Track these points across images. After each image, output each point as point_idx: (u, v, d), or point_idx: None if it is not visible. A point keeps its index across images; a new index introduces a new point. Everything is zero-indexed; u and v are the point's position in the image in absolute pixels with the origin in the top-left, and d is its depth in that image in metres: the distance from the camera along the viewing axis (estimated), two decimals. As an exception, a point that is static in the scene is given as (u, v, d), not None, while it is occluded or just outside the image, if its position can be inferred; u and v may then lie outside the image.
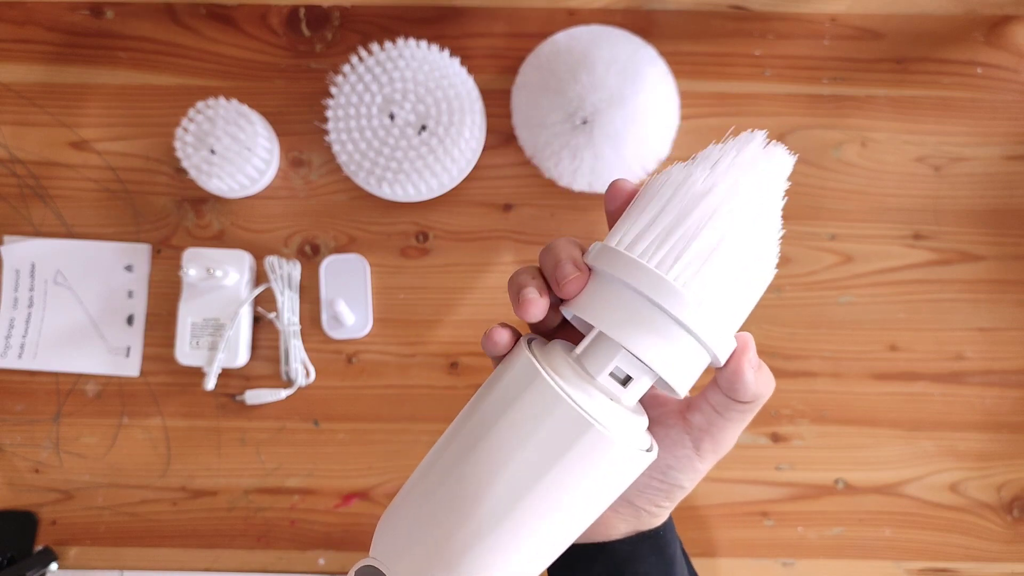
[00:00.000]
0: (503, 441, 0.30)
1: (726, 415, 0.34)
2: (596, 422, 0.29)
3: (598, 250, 0.31)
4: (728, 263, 0.29)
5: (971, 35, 0.67)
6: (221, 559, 0.66)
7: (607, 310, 0.30)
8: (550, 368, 0.31)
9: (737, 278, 0.30)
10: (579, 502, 0.31)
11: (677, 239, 0.29)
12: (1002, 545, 0.65)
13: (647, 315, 0.30)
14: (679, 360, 0.30)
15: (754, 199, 0.30)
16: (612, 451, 0.30)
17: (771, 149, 0.32)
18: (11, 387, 0.67)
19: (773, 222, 0.31)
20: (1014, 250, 0.66)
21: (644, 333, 0.30)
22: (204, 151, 0.62)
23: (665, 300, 0.29)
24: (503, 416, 0.30)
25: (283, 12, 0.68)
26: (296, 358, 0.65)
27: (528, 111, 0.64)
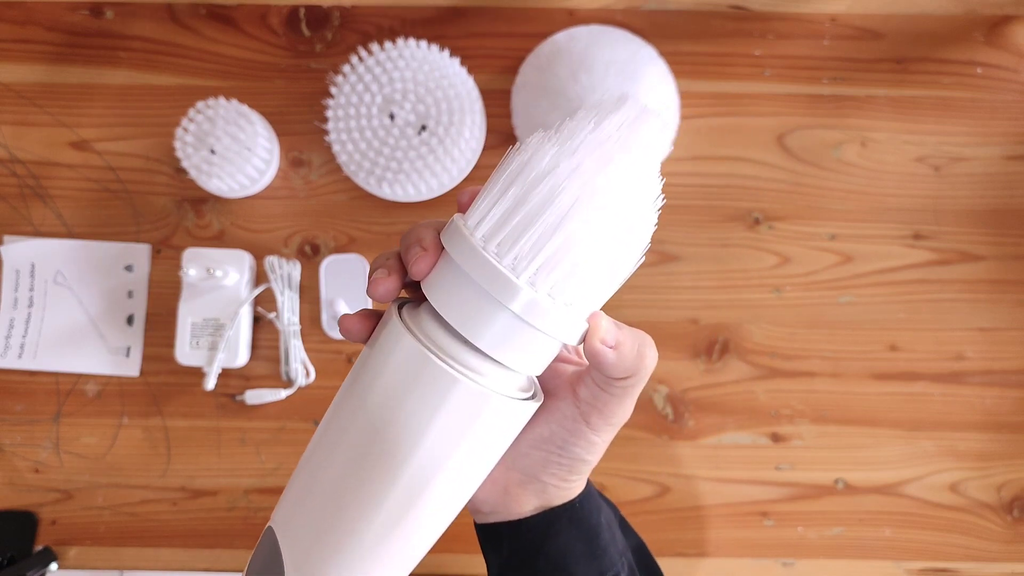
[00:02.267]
0: (382, 403, 0.30)
1: (608, 390, 0.33)
2: (464, 375, 0.29)
3: (449, 228, 0.31)
4: (571, 246, 0.28)
5: (971, 35, 0.67)
6: (221, 559, 0.66)
7: (452, 298, 0.29)
8: (418, 330, 0.30)
9: (584, 262, 0.28)
10: (465, 457, 0.30)
11: (518, 220, 0.28)
12: (1002, 545, 0.65)
13: (485, 307, 0.29)
14: (524, 350, 0.30)
15: (606, 178, 0.28)
16: (488, 402, 0.29)
17: (639, 119, 0.30)
18: (11, 387, 0.67)
19: (634, 199, 0.29)
20: (1014, 250, 0.66)
21: (484, 326, 0.29)
22: (204, 151, 0.62)
23: (498, 291, 0.28)
24: (379, 377, 0.30)
25: (283, 12, 0.68)
26: (296, 358, 0.65)
27: (528, 111, 0.64)
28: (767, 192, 0.66)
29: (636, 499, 0.65)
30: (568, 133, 0.30)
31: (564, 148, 0.29)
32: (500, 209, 0.29)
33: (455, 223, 0.30)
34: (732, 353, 0.66)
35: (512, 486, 0.36)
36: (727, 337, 0.66)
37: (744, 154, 0.66)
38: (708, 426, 0.65)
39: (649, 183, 0.30)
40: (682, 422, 0.65)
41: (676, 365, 0.66)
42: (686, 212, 0.66)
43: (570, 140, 0.29)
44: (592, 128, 0.29)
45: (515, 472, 0.35)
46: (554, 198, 0.28)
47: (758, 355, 0.66)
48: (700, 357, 0.66)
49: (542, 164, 0.29)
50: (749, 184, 0.66)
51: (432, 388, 0.29)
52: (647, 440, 0.65)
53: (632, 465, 0.66)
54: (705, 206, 0.66)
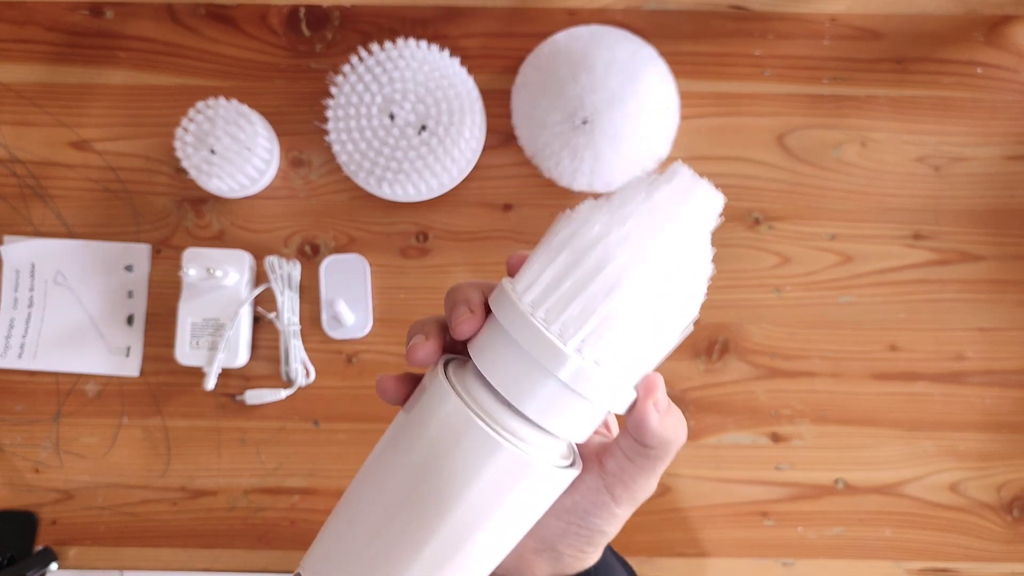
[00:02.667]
0: (424, 461, 0.30)
1: (636, 462, 0.33)
2: (507, 440, 0.29)
3: (498, 293, 0.31)
4: (620, 315, 0.28)
5: (971, 35, 0.67)
6: (221, 559, 0.66)
7: (499, 364, 0.30)
8: (464, 391, 0.30)
9: (632, 331, 0.29)
10: (502, 520, 0.31)
11: (568, 288, 0.28)
12: (1002, 545, 0.65)
13: (533, 373, 0.29)
14: (570, 417, 0.30)
15: (655, 248, 0.28)
16: (529, 470, 0.29)
17: (691, 189, 0.30)
18: (11, 387, 0.67)
19: (684, 269, 0.30)
20: (1014, 250, 0.66)
21: (531, 393, 0.29)
22: (204, 151, 0.62)
23: (546, 359, 0.28)
24: (422, 436, 0.30)
25: (283, 12, 0.68)
26: (296, 358, 0.65)
27: (528, 111, 0.64)
28: (767, 192, 0.66)
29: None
30: (619, 202, 0.30)
31: (614, 217, 0.29)
32: (549, 276, 0.29)
33: (504, 288, 0.30)
34: (732, 353, 0.66)
35: (527, 552, 0.35)
36: (727, 337, 0.66)
37: (744, 154, 0.66)
38: (708, 426, 0.65)
39: (700, 253, 0.30)
40: (682, 422, 0.65)
41: (676, 365, 0.66)
42: (686, 212, 0.66)
43: (620, 209, 0.29)
44: (643, 197, 0.30)
45: (531, 539, 0.35)
46: (604, 267, 0.28)
47: (758, 355, 0.66)
48: (700, 357, 0.66)
49: (592, 232, 0.29)
50: (749, 184, 0.66)
51: (475, 451, 0.29)
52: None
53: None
54: (705, 206, 0.66)
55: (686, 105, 0.66)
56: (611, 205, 0.30)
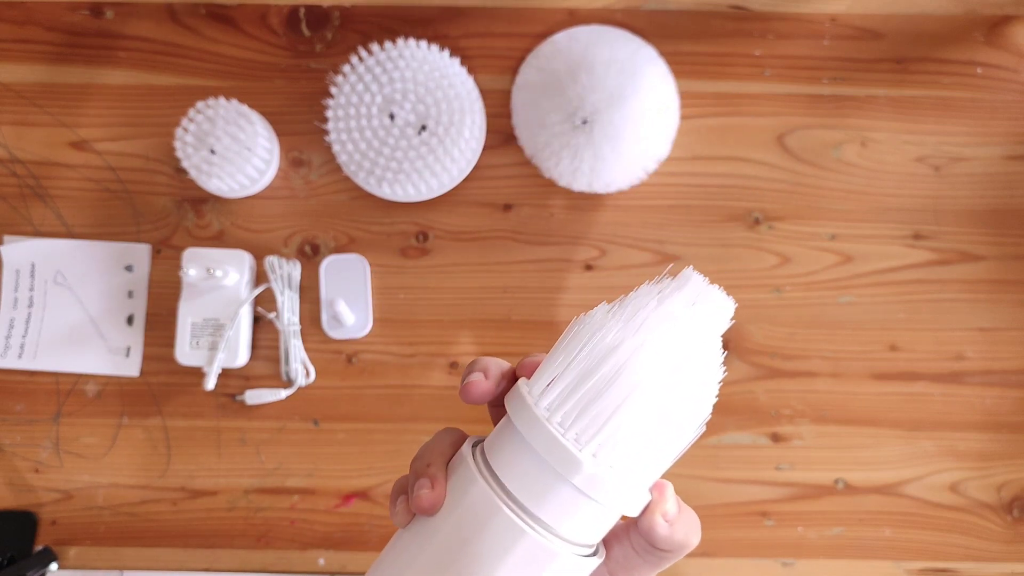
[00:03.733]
0: (450, 543, 0.30)
1: (645, 558, 0.33)
2: (532, 528, 0.30)
3: (513, 394, 0.31)
4: (635, 422, 0.29)
5: (971, 35, 0.67)
6: (221, 559, 0.66)
7: (513, 466, 0.30)
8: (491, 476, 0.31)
9: (647, 437, 0.29)
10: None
11: (582, 395, 0.29)
12: (1002, 545, 0.65)
13: (547, 479, 0.29)
14: (584, 522, 0.30)
15: (667, 355, 0.29)
16: (553, 559, 0.30)
17: (703, 295, 0.31)
18: (11, 387, 0.67)
19: (697, 375, 0.30)
20: (1014, 250, 0.66)
21: (546, 497, 0.30)
22: (204, 151, 0.62)
23: (562, 465, 0.29)
24: (449, 517, 0.31)
25: (283, 12, 0.68)
26: (296, 358, 0.65)
27: (528, 111, 0.64)
28: (767, 192, 0.66)
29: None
30: (632, 309, 0.30)
31: (628, 325, 0.30)
32: (564, 382, 0.30)
33: (520, 391, 0.31)
34: (732, 353, 0.66)
35: None
36: (727, 337, 0.66)
37: (744, 154, 0.66)
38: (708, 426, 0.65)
39: (711, 359, 0.31)
40: (682, 422, 0.65)
41: (676, 365, 0.66)
42: (686, 212, 0.66)
43: (634, 317, 0.30)
44: (656, 305, 0.30)
45: None
46: (618, 376, 0.29)
47: (758, 355, 0.66)
48: (700, 357, 0.66)
49: (606, 340, 0.30)
50: (749, 184, 0.66)
51: (501, 537, 0.30)
52: (647, 440, 0.65)
53: (632, 465, 0.65)
54: (705, 206, 0.66)
55: (686, 105, 0.66)
56: (624, 312, 0.31)
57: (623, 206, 0.66)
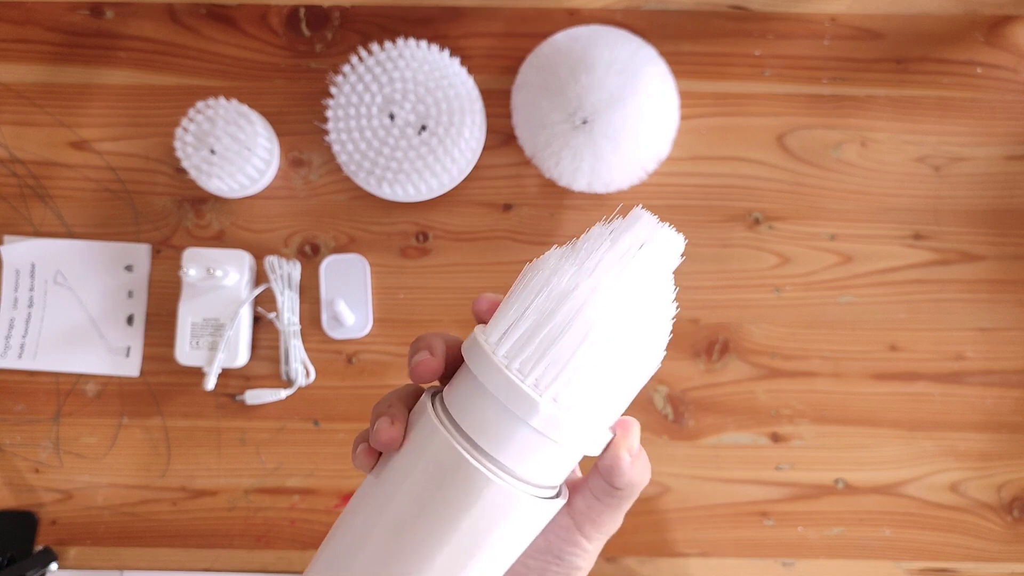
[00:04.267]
0: (416, 494, 0.31)
1: (604, 500, 0.34)
2: (496, 475, 0.30)
3: (469, 342, 0.32)
4: (592, 363, 0.29)
5: (971, 35, 0.67)
6: (221, 559, 0.66)
7: (472, 412, 0.31)
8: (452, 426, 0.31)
9: (604, 377, 0.30)
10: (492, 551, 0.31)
11: (540, 340, 0.30)
12: (1002, 545, 0.65)
13: (507, 423, 0.30)
14: (545, 464, 0.31)
15: (621, 296, 0.30)
16: (518, 502, 0.30)
17: (652, 233, 0.32)
18: (11, 387, 0.67)
19: (651, 314, 0.31)
20: (1014, 250, 0.66)
21: (506, 442, 0.30)
22: (204, 151, 0.62)
23: (521, 409, 0.29)
24: (412, 469, 0.31)
25: (283, 12, 0.68)
26: (296, 358, 0.65)
27: (528, 111, 0.64)
28: (767, 192, 0.66)
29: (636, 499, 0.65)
30: (585, 252, 0.31)
31: (582, 268, 0.31)
32: (521, 328, 0.30)
33: (476, 339, 0.31)
34: (732, 353, 0.66)
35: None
36: (727, 337, 0.66)
37: (744, 154, 0.66)
38: (708, 426, 0.65)
39: (664, 297, 0.32)
40: (682, 422, 0.65)
41: (676, 365, 0.66)
42: (686, 212, 0.66)
43: (587, 260, 0.31)
44: (608, 246, 0.31)
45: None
46: (574, 319, 0.29)
47: (758, 355, 0.66)
48: (700, 357, 0.66)
49: (561, 284, 0.30)
50: (749, 184, 0.66)
51: (465, 486, 0.30)
52: (647, 440, 0.65)
53: (632, 465, 0.65)
54: (705, 206, 0.66)
55: (686, 105, 0.66)
56: (578, 256, 0.31)
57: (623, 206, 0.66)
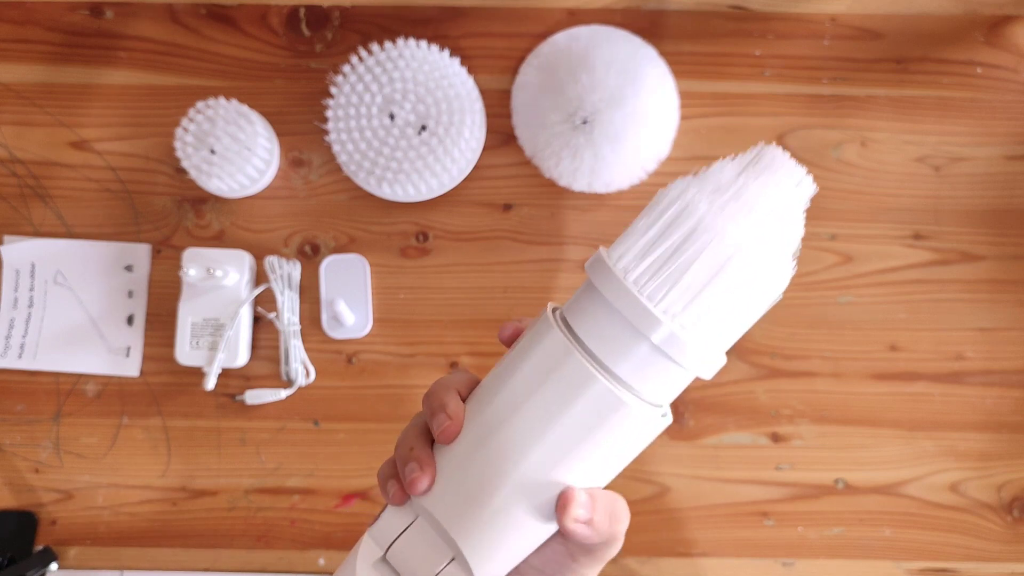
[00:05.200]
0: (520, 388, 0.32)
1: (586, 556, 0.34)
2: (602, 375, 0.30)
3: (595, 259, 0.32)
4: (717, 289, 0.30)
5: (971, 35, 0.67)
6: (221, 559, 0.66)
7: (591, 324, 0.31)
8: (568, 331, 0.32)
9: (731, 306, 0.31)
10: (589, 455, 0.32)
11: (664, 259, 0.30)
12: (1002, 545, 0.65)
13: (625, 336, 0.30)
14: (657, 381, 0.31)
15: (748, 227, 0.30)
16: (621, 408, 0.31)
17: (785, 170, 0.32)
18: (11, 387, 0.67)
19: (781, 248, 0.31)
20: (1014, 250, 0.66)
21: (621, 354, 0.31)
22: (204, 151, 0.62)
23: (641, 323, 0.30)
24: (523, 362, 0.32)
25: (283, 12, 0.68)
26: (296, 358, 0.65)
27: (528, 111, 0.64)
28: (767, 192, 0.66)
29: (636, 499, 0.65)
30: (716, 180, 0.31)
31: (709, 193, 0.31)
32: (647, 248, 0.31)
33: (601, 256, 0.32)
34: (732, 353, 0.65)
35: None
36: (727, 337, 0.66)
37: (744, 154, 0.66)
38: (708, 426, 0.65)
39: (792, 230, 0.32)
40: (682, 422, 0.65)
41: (676, 365, 0.66)
42: (686, 212, 0.66)
43: (713, 185, 0.31)
44: (743, 176, 0.31)
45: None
46: (703, 244, 0.30)
47: (758, 355, 0.66)
48: (700, 357, 0.66)
49: (688, 209, 0.31)
50: (749, 184, 0.66)
51: (570, 381, 0.31)
52: (647, 440, 0.65)
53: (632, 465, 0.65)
54: (705, 206, 0.66)
55: (686, 105, 0.66)
56: (708, 181, 0.32)
57: (623, 206, 0.66)
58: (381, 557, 0.34)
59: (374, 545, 0.34)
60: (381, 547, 0.34)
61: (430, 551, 0.33)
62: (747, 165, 0.32)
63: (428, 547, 0.33)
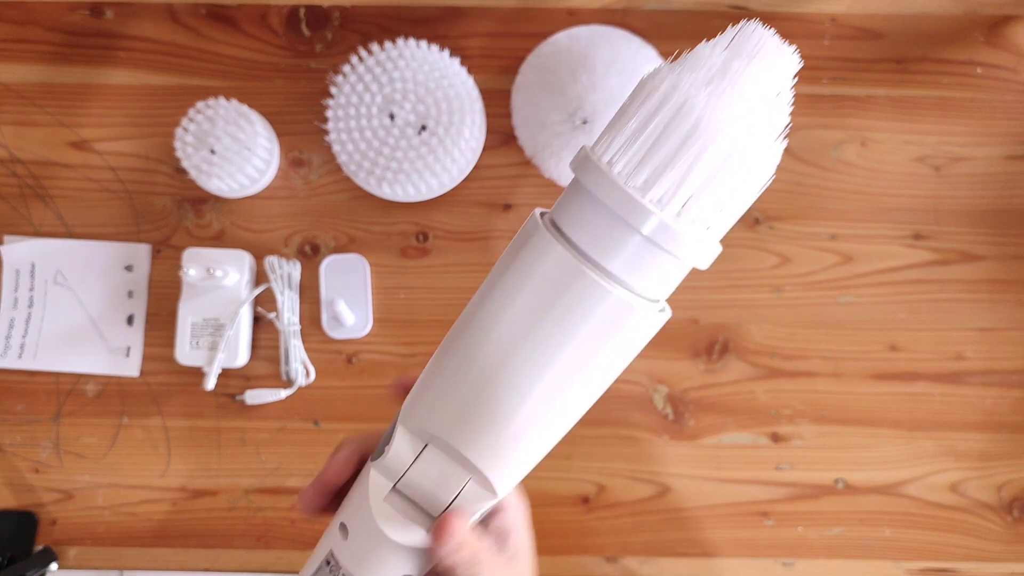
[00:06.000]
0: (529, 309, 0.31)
1: None
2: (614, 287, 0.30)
3: (580, 156, 0.31)
4: (706, 172, 0.29)
5: (971, 35, 0.67)
6: (221, 559, 0.66)
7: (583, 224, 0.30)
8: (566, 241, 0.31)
9: (722, 191, 0.30)
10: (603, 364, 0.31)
11: (650, 147, 0.29)
12: (1002, 545, 0.65)
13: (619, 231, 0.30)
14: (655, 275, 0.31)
15: (732, 104, 0.29)
16: (632, 313, 0.30)
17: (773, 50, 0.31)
18: (11, 387, 0.67)
19: (762, 124, 0.31)
20: (1014, 250, 0.66)
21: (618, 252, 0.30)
22: (204, 151, 0.62)
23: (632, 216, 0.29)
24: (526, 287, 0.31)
25: (283, 12, 0.68)
26: (296, 358, 0.65)
27: (528, 111, 0.64)
28: (767, 192, 0.66)
29: (636, 499, 0.65)
30: (693, 62, 0.30)
31: (693, 77, 0.30)
32: (630, 138, 0.30)
33: (585, 153, 0.31)
34: (732, 353, 0.66)
35: None
36: (727, 337, 0.66)
37: (744, 154, 0.66)
38: (708, 426, 0.65)
39: (777, 106, 0.31)
40: (682, 422, 0.65)
41: (676, 365, 0.66)
42: (686, 212, 0.66)
43: (698, 69, 0.30)
44: (717, 55, 0.30)
45: None
46: (689, 129, 0.29)
47: (758, 355, 0.66)
48: (700, 357, 0.66)
49: (674, 95, 0.29)
50: (749, 184, 0.66)
51: (583, 298, 0.30)
52: (647, 440, 0.65)
53: (632, 465, 0.65)
54: (705, 206, 0.66)
55: (686, 105, 0.66)
56: (686, 66, 0.30)
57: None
58: (392, 488, 0.34)
59: (382, 478, 0.34)
60: (391, 479, 0.33)
61: (445, 476, 0.33)
62: (733, 48, 0.31)
63: (443, 472, 0.33)
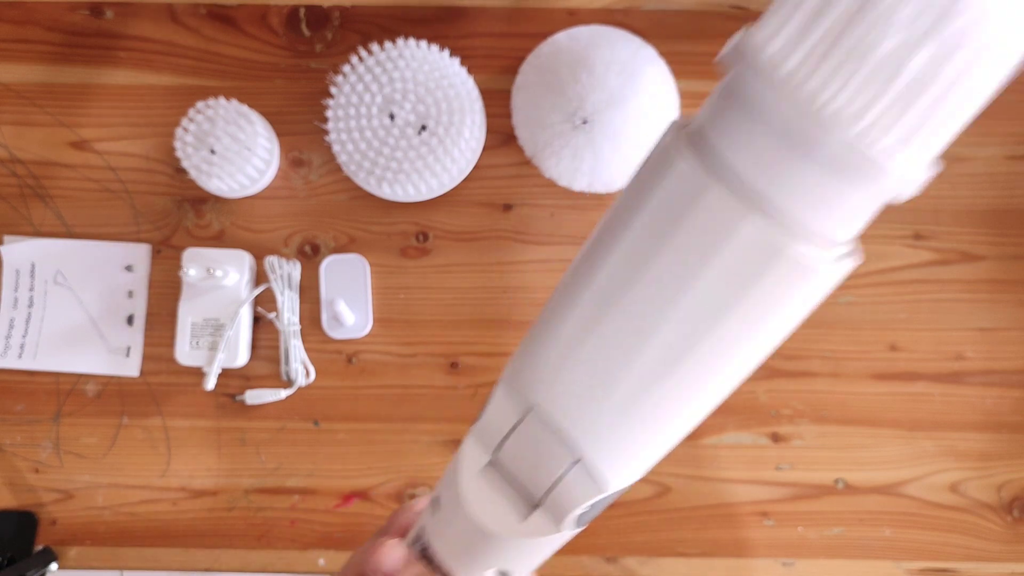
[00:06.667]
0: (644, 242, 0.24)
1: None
2: (756, 214, 0.23)
3: (737, 49, 0.24)
4: (914, 82, 0.21)
5: (971, 35, 0.67)
6: (221, 559, 0.66)
7: (741, 142, 0.23)
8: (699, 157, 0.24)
9: (928, 101, 0.21)
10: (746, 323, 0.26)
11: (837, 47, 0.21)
12: (1002, 545, 0.65)
13: (788, 154, 0.22)
14: (840, 209, 0.23)
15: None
16: (778, 257, 0.23)
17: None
18: (11, 387, 0.67)
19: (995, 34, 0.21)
20: (1014, 250, 0.66)
21: (786, 179, 0.22)
22: (204, 151, 0.62)
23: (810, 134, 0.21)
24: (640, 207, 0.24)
25: (283, 12, 0.68)
26: (296, 358, 0.65)
27: (528, 111, 0.64)
28: (767, 192, 0.66)
29: (636, 499, 0.65)
30: None
31: None
32: (815, 31, 0.22)
33: (745, 44, 0.23)
34: (732, 353, 0.66)
35: None
36: (727, 337, 0.66)
37: (744, 154, 0.66)
38: (708, 426, 0.65)
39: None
40: (682, 422, 0.65)
41: (676, 365, 0.66)
42: (686, 212, 0.66)
43: None
44: None
45: None
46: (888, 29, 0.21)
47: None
48: (700, 357, 0.66)
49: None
50: (749, 184, 0.66)
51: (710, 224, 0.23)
52: (647, 440, 0.65)
53: (632, 465, 0.65)
54: (705, 206, 0.66)
55: (686, 105, 0.66)
56: None
57: None
58: (489, 462, 0.28)
59: (478, 448, 0.28)
60: (487, 449, 0.28)
61: (546, 453, 0.27)
62: None
63: (543, 448, 0.27)
